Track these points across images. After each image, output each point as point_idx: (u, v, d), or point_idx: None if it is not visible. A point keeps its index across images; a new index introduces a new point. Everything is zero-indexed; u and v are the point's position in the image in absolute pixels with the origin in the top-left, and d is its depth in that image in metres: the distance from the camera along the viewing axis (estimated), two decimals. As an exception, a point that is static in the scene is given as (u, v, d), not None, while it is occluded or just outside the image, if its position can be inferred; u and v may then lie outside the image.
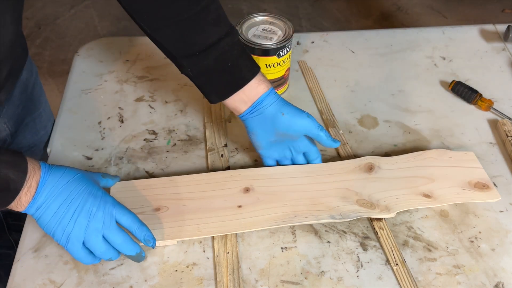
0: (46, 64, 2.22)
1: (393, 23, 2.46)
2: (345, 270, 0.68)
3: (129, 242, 0.64)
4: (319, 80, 0.96)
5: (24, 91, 0.87)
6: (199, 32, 0.70)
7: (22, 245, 0.70)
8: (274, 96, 0.74)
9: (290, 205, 0.72)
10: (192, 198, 0.73)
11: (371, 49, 1.03)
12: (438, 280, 0.67)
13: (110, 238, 0.63)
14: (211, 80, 0.73)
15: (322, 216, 0.71)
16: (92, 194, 0.63)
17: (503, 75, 0.98)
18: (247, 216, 0.71)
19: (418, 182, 0.75)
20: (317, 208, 0.72)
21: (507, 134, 0.84)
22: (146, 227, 0.65)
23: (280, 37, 0.86)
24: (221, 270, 0.67)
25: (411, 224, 0.73)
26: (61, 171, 0.63)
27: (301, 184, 0.75)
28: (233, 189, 0.74)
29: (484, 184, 0.75)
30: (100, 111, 0.90)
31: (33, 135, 0.92)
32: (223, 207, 0.72)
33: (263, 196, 0.73)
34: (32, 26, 2.40)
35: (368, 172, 0.76)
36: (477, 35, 1.07)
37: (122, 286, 0.66)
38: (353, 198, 0.73)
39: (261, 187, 0.74)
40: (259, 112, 0.73)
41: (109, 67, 0.98)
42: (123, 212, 0.64)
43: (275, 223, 0.70)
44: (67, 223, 0.61)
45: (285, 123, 0.73)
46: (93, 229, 0.62)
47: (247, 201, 0.73)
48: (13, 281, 0.66)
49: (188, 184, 0.75)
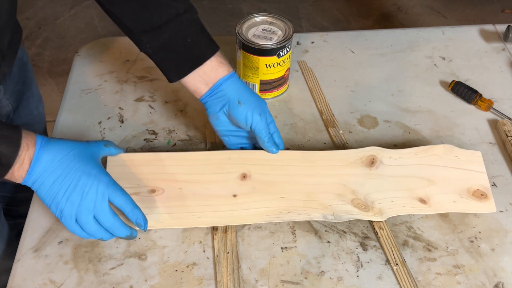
0: (46, 64, 2.22)
1: (393, 23, 2.46)
2: (345, 270, 0.68)
3: (118, 226, 0.64)
4: (319, 80, 0.96)
5: (21, 68, 0.89)
6: (157, 6, 0.70)
7: (22, 245, 0.70)
8: (235, 81, 0.73)
9: (285, 199, 0.72)
10: (188, 180, 0.72)
11: (371, 49, 1.03)
12: (438, 280, 0.67)
13: (100, 219, 0.63)
14: (170, 57, 0.72)
15: (315, 215, 0.71)
16: (86, 172, 0.62)
17: (503, 75, 0.98)
18: (242, 207, 0.71)
19: (417, 184, 0.75)
20: (311, 205, 0.72)
21: (507, 134, 0.84)
22: (139, 210, 0.65)
23: (280, 37, 0.86)
24: (221, 270, 0.67)
25: (411, 224, 0.73)
26: (57, 147, 0.62)
27: (299, 175, 0.74)
28: (230, 174, 0.73)
29: (483, 193, 0.74)
30: (100, 111, 0.90)
31: (27, 114, 0.94)
32: (218, 195, 0.72)
33: (259, 185, 0.73)
34: (32, 26, 2.40)
35: (369, 167, 0.75)
36: (477, 35, 1.07)
37: (122, 286, 0.66)
38: (349, 197, 0.73)
39: (258, 174, 0.74)
40: (219, 96, 0.72)
41: (109, 67, 0.98)
42: (116, 192, 0.64)
43: (268, 218, 0.71)
44: (60, 199, 0.61)
45: (238, 112, 0.72)
46: (84, 209, 0.62)
47: (243, 190, 0.72)
48: (13, 281, 0.67)
49: (186, 164, 0.74)
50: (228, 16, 2.45)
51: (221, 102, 0.73)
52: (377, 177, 0.75)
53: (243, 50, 0.86)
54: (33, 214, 0.74)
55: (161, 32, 0.70)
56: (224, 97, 0.73)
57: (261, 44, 0.85)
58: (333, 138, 0.85)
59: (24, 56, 0.92)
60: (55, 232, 0.72)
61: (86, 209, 0.62)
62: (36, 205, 0.75)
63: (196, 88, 0.73)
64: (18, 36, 0.84)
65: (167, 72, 0.74)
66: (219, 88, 0.73)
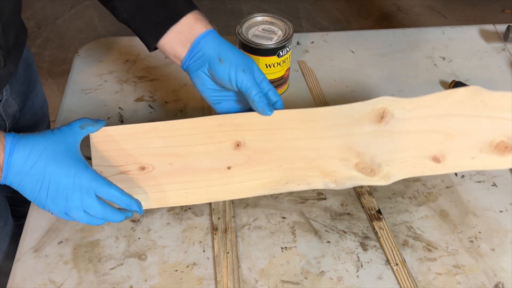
0: (46, 64, 2.22)
1: (393, 23, 2.46)
2: (345, 270, 0.68)
3: (110, 213, 0.61)
4: (319, 80, 0.96)
5: (27, 68, 0.89)
6: None
7: (22, 245, 0.70)
8: (215, 37, 0.67)
9: (283, 168, 0.67)
10: (178, 154, 0.67)
11: (371, 49, 1.03)
12: (438, 280, 0.67)
13: (91, 212, 0.61)
14: (146, 18, 0.68)
15: (316, 184, 0.67)
16: (64, 174, 0.59)
17: (503, 75, 0.98)
18: (237, 180, 0.67)
19: (432, 139, 0.67)
20: (311, 172, 0.67)
21: (507, 134, 0.84)
22: (128, 198, 0.62)
23: (280, 37, 0.86)
24: (221, 270, 0.67)
25: (411, 224, 0.73)
26: (26, 152, 0.58)
27: (298, 139, 0.67)
28: (222, 144, 0.67)
29: (508, 145, 0.66)
30: (100, 111, 0.90)
31: (32, 115, 0.94)
32: (211, 167, 0.67)
33: (254, 154, 0.67)
34: (32, 26, 2.40)
35: (377, 123, 0.67)
36: (477, 35, 1.07)
37: (122, 286, 0.66)
38: (353, 161, 0.67)
39: (253, 142, 0.67)
40: (198, 56, 0.67)
41: (109, 67, 0.98)
42: (101, 187, 0.60)
43: (265, 191, 0.67)
44: (45, 202, 0.59)
45: (220, 71, 0.66)
46: (72, 208, 0.60)
47: (237, 161, 0.67)
48: (13, 281, 0.67)
49: (174, 135, 0.67)
50: (228, 16, 2.45)
51: (201, 62, 0.67)
52: (386, 134, 0.67)
53: (243, 50, 0.86)
54: (33, 214, 0.74)
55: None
56: (204, 56, 0.67)
57: (261, 44, 0.85)
58: (333, 138, 0.84)
59: (29, 57, 0.92)
60: (55, 232, 0.72)
61: (74, 208, 0.60)
62: (35, 206, 0.74)
63: (175, 52, 0.68)
64: (23, 36, 0.84)
65: (145, 37, 0.70)
66: (197, 47, 0.67)
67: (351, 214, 0.74)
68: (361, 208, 0.75)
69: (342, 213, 0.74)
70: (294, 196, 0.76)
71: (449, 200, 0.76)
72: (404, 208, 0.75)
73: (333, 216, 0.74)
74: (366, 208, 0.74)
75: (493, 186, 0.78)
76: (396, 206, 0.75)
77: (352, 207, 0.75)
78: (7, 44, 0.73)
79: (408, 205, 0.75)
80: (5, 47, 0.71)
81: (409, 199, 0.76)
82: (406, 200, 0.76)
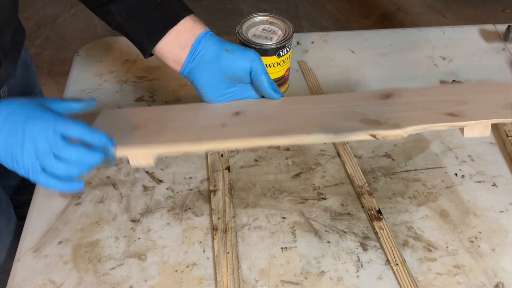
0: (46, 64, 2.22)
1: (393, 23, 2.46)
2: (345, 270, 0.68)
3: (85, 153, 0.58)
4: (319, 80, 0.96)
5: (25, 69, 0.88)
6: None
7: (22, 245, 0.70)
8: (213, 36, 0.68)
9: (280, 123, 0.63)
10: (177, 119, 0.67)
11: (371, 49, 1.03)
12: (438, 280, 0.67)
13: (63, 156, 0.57)
14: (141, 22, 0.67)
15: (314, 131, 0.60)
16: (30, 117, 0.56)
17: (503, 75, 0.98)
18: (231, 131, 0.63)
19: (445, 105, 0.61)
20: (311, 126, 0.62)
21: (507, 134, 0.84)
22: (97, 132, 0.59)
23: (280, 37, 0.86)
24: (221, 270, 0.67)
25: (411, 224, 0.73)
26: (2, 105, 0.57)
27: (300, 109, 0.66)
28: (223, 112, 0.67)
29: None
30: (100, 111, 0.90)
31: None
32: (206, 125, 0.65)
33: (252, 118, 0.65)
34: (32, 26, 2.40)
35: (384, 99, 0.64)
36: (477, 35, 1.07)
37: (122, 286, 0.66)
38: (357, 118, 0.62)
39: (252, 111, 0.66)
40: (201, 56, 0.66)
41: (109, 67, 0.98)
42: (67, 124, 0.57)
43: (260, 141, 0.61)
44: (17, 155, 0.56)
45: (231, 60, 0.66)
46: (42, 153, 0.56)
47: (233, 122, 0.65)
48: (13, 281, 0.67)
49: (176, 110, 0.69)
50: (228, 16, 2.45)
51: (206, 62, 0.66)
52: (394, 104, 0.63)
53: (243, 50, 0.86)
54: (33, 215, 0.74)
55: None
56: (207, 55, 0.66)
57: (261, 44, 0.85)
58: (333, 138, 0.84)
59: (28, 58, 0.92)
60: (55, 232, 0.72)
61: (44, 153, 0.56)
62: (36, 206, 0.75)
63: (174, 55, 0.67)
64: (21, 36, 0.83)
65: (141, 42, 0.68)
66: (199, 47, 0.66)
67: (351, 214, 0.74)
68: (361, 208, 0.75)
69: (342, 213, 0.74)
70: (294, 196, 0.76)
71: (449, 200, 0.76)
72: (404, 208, 0.75)
73: (333, 216, 0.74)
74: (366, 208, 0.74)
75: (493, 186, 0.78)
76: (396, 206, 0.75)
77: (352, 207, 0.75)
78: (3, 44, 0.72)
79: (408, 205, 0.75)
80: (1, 47, 0.71)
81: (409, 199, 0.76)
82: (406, 200, 0.76)
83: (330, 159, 0.82)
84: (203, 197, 0.76)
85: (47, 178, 0.57)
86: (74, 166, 0.58)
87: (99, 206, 0.75)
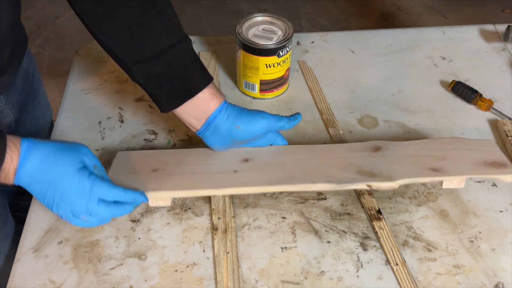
0: (46, 64, 2.22)
1: (393, 23, 2.46)
2: (345, 270, 0.68)
3: (118, 211, 0.65)
4: (319, 80, 0.96)
5: (26, 78, 0.89)
6: (150, 38, 0.68)
7: (22, 245, 0.70)
8: (227, 110, 0.72)
9: (287, 171, 0.73)
10: (191, 163, 0.75)
11: (371, 49, 1.03)
12: (438, 280, 0.67)
13: (98, 214, 0.64)
14: (162, 88, 0.71)
15: (318, 180, 0.70)
16: (68, 181, 0.62)
17: (503, 75, 0.98)
18: (241, 178, 0.72)
19: (428, 160, 0.72)
20: (314, 174, 0.72)
21: (507, 134, 0.84)
22: (133, 194, 0.66)
23: (280, 37, 0.86)
24: (221, 270, 0.67)
25: (411, 224, 0.73)
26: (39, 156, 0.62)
27: (302, 158, 0.75)
28: (232, 159, 0.75)
29: (501, 163, 0.70)
30: (100, 111, 0.90)
31: (34, 124, 0.94)
32: (219, 171, 0.73)
33: (261, 165, 0.74)
34: (32, 26, 2.40)
35: (374, 152, 0.75)
36: (477, 35, 1.07)
37: (122, 286, 0.66)
38: (354, 169, 0.72)
39: (260, 159, 0.75)
40: (215, 128, 0.72)
41: (109, 67, 0.98)
42: (104, 189, 0.63)
43: (268, 187, 0.71)
44: (51, 206, 0.63)
45: (242, 134, 0.73)
46: (79, 212, 0.63)
47: (244, 168, 0.73)
48: (13, 281, 0.67)
49: (190, 154, 0.77)
50: (228, 16, 2.45)
51: (218, 133, 0.73)
52: (384, 157, 0.74)
53: (243, 50, 0.86)
54: (33, 215, 0.74)
55: (153, 64, 0.69)
56: (220, 129, 0.72)
57: (261, 44, 0.85)
58: (333, 138, 0.85)
59: (30, 66, 0.91)
60: (55, 232, 0.72)
61: (80, 212, 0.63)
62: (36, 206, 0.75)
63: (190, 123, 0.74)
64: (22, 47, 0.83)
65: (159, 102, 0.73)
66: (213, 123, 0.72)
67: (351, 214, 0.74)
68: (361, 208, 0.75)
69: (342, 213, 0.74)
70: (294, 196, 0.76)
71: (449, 200, 0.76)
72: (404, 208, 0.75)
73: (333, 216, 0.74)
74: (366, 208, 0.74)
75: (493, 186, 0.78)
76: (396, 206, 0.75)
77: (352, 207, 0.75)
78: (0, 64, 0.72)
79: (408, 205, 0.75)
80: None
81: (409, 199, 0.76)
82: (406, 200, 0.76)
83: (330, 159, 0.82)
84: (203, 197, 0.76)
85: (78, 221, 0.64)
86: (105, 220, 0.66)
87: (99, 206, 0.75)
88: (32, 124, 0.93)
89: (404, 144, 0.77)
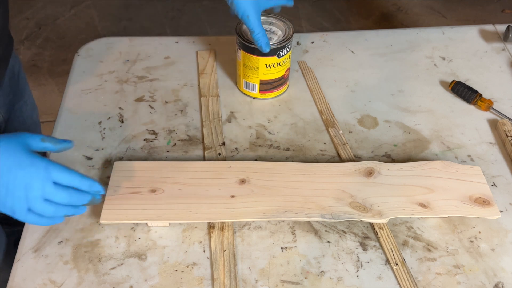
0: (46, 64, 2.22)
1: (393, 23, 2.46)
2: (345, 270, 0.68)
3: (75, 196, 0.61)
4: (319, 80, 0.96)
5: (12, 78, 0.89)
6: None
7: (22, 245, 0.70)
8: None
9: (283, 200, 0.73)
10: (188, 183, 0.75)
11: (371, 49, 1.03)
12: (438, 280, 0.67)
13: (55, 200, 0.60)
14: None
15: (313, 214, 0.71)
16: (19, 165, 0.58)
17: (503, 75, 0.98)
18: (239, 206, 0.72)
19: (417, 191, 0.74)
20: (308, 206, 0.72)
21: (507, 134, 0.84)
22: (88, 178, 0.62)
23: (280, 37, 0.86)
24: (218, 268, 0.67)
25: (411, 224, 0.73)
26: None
27: (297, 181, 0.76)
28: (229, 179, 0.76)
29: (486, 200, 0.73)
30: (100, 111, 0.90)
31: (21, 124, 0.94)
32: (217, 195, 0.73)
33: (257, 189, 0.74)
34: (32, 26, 2.40)
35: (367, 177, 0.76)
36: (476, 35, 1.07)
37: (122, 286, 0.66)
38: (347, 200, 0.73)
39: (256, 180, 0.75)
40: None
41: (109, 67, 0.98)
42: (59, 171, 0.60)
43: (265, 216, 0.71)
44: (5, 198, 0.58)
45: None
46: (33, 198, 0.58)
47: (241, 192, 0.74)
48: (13, 281, 0.67)
49: (186, 170, 0.77)
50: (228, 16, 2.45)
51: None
52: (376, 185, 0.75)
53: (243, 50, 0.86)
54: (33, 214, 0.74)
55: None
56: None
57: (261, 44, 0.85)
58: (333, 138, 0.85)
59: (15, 65, 0.91)
60: (55, 232, 0.72)
61: (34, 198, 0.58)
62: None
63: None
64: (8, 49, 0.83)
65: None
66: None
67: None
68: (361, 208, 0.75)
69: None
70: (294, 196, 0.76)
71: (449, 200, 0.76)
72: (404, 208, 0.75)
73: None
74: (366, 208, 0.74)
75: (493, 186, 0.78)
76: (396, 206, 0.75)
77: (352, 207, 0.75)
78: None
79: (408, 205, 0.75)
80: None
81: (409, 199, 0.76)
82: (406, 200, 0.76)
83: (330, 159, 0.82)
84: (203, 197, 0.76)
85: (34, 217, 0.60)
86: (62, 208, 0.61)
87: (99, 206, 0.75)
88: (20, 124, 0.93)
89: (395, 167, 0.77)
